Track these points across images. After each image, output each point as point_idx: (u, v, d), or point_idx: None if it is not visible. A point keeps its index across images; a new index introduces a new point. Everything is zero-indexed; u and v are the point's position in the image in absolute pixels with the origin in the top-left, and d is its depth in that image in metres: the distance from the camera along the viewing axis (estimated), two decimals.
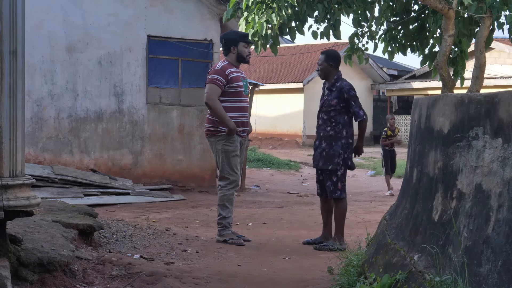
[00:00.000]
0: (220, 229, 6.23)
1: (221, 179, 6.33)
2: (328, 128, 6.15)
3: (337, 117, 6.12)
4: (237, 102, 6.28)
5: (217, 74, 6.21)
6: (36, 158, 10.33)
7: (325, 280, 4.37)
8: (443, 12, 7.67)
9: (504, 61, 24.50)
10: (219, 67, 6.28)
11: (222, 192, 6.26)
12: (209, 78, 6.26)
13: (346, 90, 6.14)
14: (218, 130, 6.25)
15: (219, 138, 6.25)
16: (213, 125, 6.30)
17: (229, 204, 6.25)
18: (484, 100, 3.01)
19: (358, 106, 6.13)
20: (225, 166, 6.26)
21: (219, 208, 6.27)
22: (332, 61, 6.26)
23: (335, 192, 6.12)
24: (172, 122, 11.26)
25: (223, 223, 6.21)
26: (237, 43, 6.32)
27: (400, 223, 3.79)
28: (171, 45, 11.17)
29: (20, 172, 3.60)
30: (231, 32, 6.93)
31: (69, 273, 4.01)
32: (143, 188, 10.42)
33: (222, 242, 6.12)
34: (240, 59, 6.35)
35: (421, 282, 3.02)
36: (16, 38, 3.56)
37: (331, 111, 6.14)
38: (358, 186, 12.98)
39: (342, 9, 8.97)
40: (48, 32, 10.44)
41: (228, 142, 6.22)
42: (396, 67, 33.76)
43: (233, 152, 6.25)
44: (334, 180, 6.11)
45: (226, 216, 6.22)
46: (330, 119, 6.15)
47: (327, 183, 6.15)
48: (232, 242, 6.09)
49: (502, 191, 2.85)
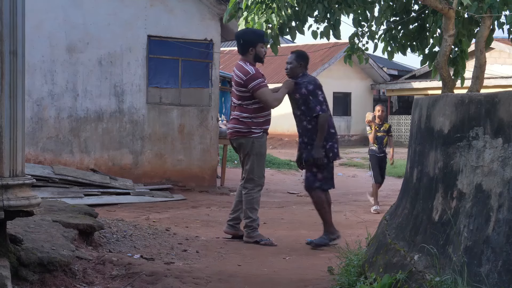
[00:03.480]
0: (250, 231, 6.23)
1: (248, 182, 6.27)
2: (305, 122, 6.20)
3: (307, 111, 6.15)
4: None
5: (260, 78, 6.22)
6: (36, 158, 10.33)
7: (325, 280, 4.37)
8: (443, 12, 7.66)
9: (504, 61, 24.50)
10: (253, 71, 6.21)
11: (251, 195, 6.24)
12: (256, 84, 6.16)
13: (305, 85, 6.19)
14: (251, 131, 6.22)
15: (251, 139, 6.22)
16: (245, 126, 6.23)
17: (257, 206, 6.28)
18: (484, 100, 3.01)
19: (317, 102, 6.13)
20: (255, 169, 6.24)
21: (248, 212, 6.23)
22: (302, 60, 6.34)
23: (314, 183, 6.15)
24: (172, 122, 11.25)
25: (253, 225, 6.23)
26: (256, 44, 6.32)
27: (400, 223, 3.79)
28: (171, 45, 11.17)
29: (21, 172, 3.60)
30: (248, 31, 6.86)
31: (69, 273, 4.01)
32: (143, 188, 10.42)
33: (253, 243, 6.14)
34: (257, 59, 6.37)
35: (421, 282, 3.02)
36: (16, 38, 3.57)
37: (301, 106, 6.19)
38: (358, 186, 12.97)
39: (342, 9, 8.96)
40: (48, 32, 10.44)
41: (261, 144, 6.21)
42: (396, 67, 33.76)
43: (264, 154, 6.30)
44: (314, 171, 6.14)
45: (255, 218, 6.24)
46: (303, 113, 6.19)
47: (307, 174, 6.17)
48: (265, 243, 6.15)
49: (502, 191, 2.85)
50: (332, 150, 6.18)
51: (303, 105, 6.17)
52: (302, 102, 6.18)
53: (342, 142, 28.50)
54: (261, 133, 6.26)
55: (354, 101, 29.08)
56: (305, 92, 6.15)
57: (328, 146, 6.15)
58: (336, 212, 8.91)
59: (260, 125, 6.26)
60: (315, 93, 6.15)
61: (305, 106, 6.16)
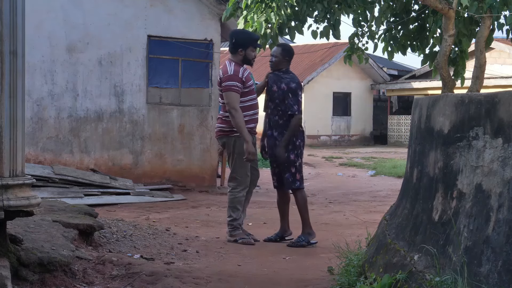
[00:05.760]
0: (230, 230, 6.22)
1: (231, 180, 6.29)
2: (276, 117, 6.20)
3: (282, 106, 6.15)
4: (250, 101, 6.27)
5: (233, 81, 6.14)
6: (36, 158, 10.33)
7: (325, 280, 4.37)
8: (443, 12, 7.67)
9: (504, 61, 24.50)
10: (232, 72, 6.16)
11: (233, 195, 6.23)
12: (226, 85, 6.14)
13: (286, 81, 6.18)
14: (233, 131, 6.21)
15: (233, 138, 6.22)
16: (227, 125, 6.24)
17: (240, 205, 6.25)
18: (484, 100, 3.01)
19: (295, 101, 6.13)
20: (237, 168, 6.23)
21: (229, 210, 6.25)
22: (288, 55, 6.32)
23: (294, 183, 6.17)
24: (172, 122, 11.25)
25: (234, 224, 6.21)
26: (247, 47, 6.29)
27: (400, 223, 3.79)
28: (171, 45, 11.17)
29: (20, 172, 3.60)
30: (242, 32, 6.82)
31: (69, 273, 4.01)
32: (143, 188, 10.42)
33: (233, 242, 6.12)
34: (245, 61, 6.32)
35: (421, 282, 3.02)
36: (16, 38, 3.57)
37: (275, 99, 6.19)
38: (358, 186, 12.97)
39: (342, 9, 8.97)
40: (48, 32, 10.44)
41: (242, 143, 6.20)
42: (396, 67, 33.74)
43: None
44: (292, 171, 6.16)
45: (236, 218, 6.21)
46: (276, 107, 6.20)
47: (285, 175, 6.18)
48: (242, 242, 6.10)
49: (502, 191, 2.85)
50: (300, 147, 6.22)
51: (278, 99, 6.17)
52: (277, 96, 6.17)
53: (342, 142, 28.53)
54: None
55: (354, 101, 29.08)
56: (285, 88, 6.14)
57: (298, 143, 6.19)
58: (336, 212, 8.94)
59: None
60: (296, 92, 6.16)
61: (280, 101, 6.15)
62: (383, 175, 14.88)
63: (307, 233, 6.19)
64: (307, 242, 6.14)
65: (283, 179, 6.23)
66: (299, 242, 6.13)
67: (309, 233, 6.19)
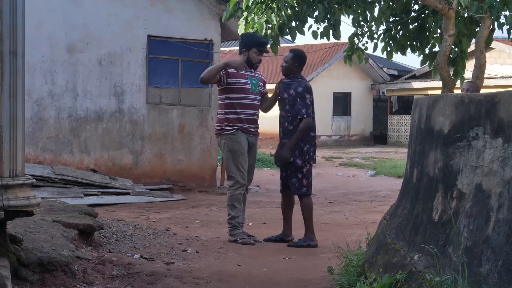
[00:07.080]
0: (230, 229, 6.22)
1: (228, 179, 6.37)
2: (286, 123, 6.19)
3: (292, 112, 6.13)
4: (243, 99, 6.27)
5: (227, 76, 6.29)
6: (36, 158, 10.33)
7: (325, 280, 4.37)
8: (443, 12, 7.67)
9: (504, 61, 24.50)
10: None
11: (230, 192, 6.26)
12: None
13: (294, 87, 6.17)
14: (223, 129, 6.24)
15: (224, 137, 6.25)
16: (219, 124, 6.30)
17: (238, 203, 6.23)
18: (484, 100, 3.01)
19: (303, 104, 6.11)
20: (230, 165, 6.26)
21: (228, 208, 6.26)
22: (298, 61, 6.28)
23: (301, 189, 6.17)
24: (172, 122, 11.26)
25: (233, 222, 6.21)
26: (250, 48, 6.31)
27: (400, 223, 3.79)
28: (171, 45, 11.17)
29: (20, 172, 3.60)
30: (249, 35, 6.86)
31: (69, 273, 4.01)
32: (143, 188, 10.43)
33: (233, 242, 6.11)
34: (248, 63, 6.34)
35: (421, 282, 3.02)
36: (16, 38, 3.56)
37: (285, 106, 6.19)
38: (358, 186, 12.97)
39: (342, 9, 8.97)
40: (48, 32, 10.44)
41: (233, 141, 6.20)
42: (396, 67, 33.74)
43: (238, 151, 6.22)
44: (299, 177, 6.15)
45: (235, 215, 6.21)
46: (286, 113, 6.19)
47: (292, 180, 6.18)
48: (242, 242, 6.08)
49: (502, 191, 2.85)
50: (308, 153, 6.18)
51: (288, 105, 6.17)
52: (288, 102, 6.17)
53: (342, 142, 28.52)
54: (234, 130, 6.22)
55: (354, 101, 29.08)
56: (293, 93, 6.14)
57: (306, 148, 6.16)
58: (336, 212, 8.94)
59: (233, 122, 6.23)
60: (303, 96, 6.13)
61: (290, 107, 6.15)
62: (383, 175, 14.88)
63: (309, 239, 6.18)
64: (307, 244, 6.13)
65: (288, 183, 6.22)
66: (300, 243, 6.13)
67: (311, 239, 6.17)
